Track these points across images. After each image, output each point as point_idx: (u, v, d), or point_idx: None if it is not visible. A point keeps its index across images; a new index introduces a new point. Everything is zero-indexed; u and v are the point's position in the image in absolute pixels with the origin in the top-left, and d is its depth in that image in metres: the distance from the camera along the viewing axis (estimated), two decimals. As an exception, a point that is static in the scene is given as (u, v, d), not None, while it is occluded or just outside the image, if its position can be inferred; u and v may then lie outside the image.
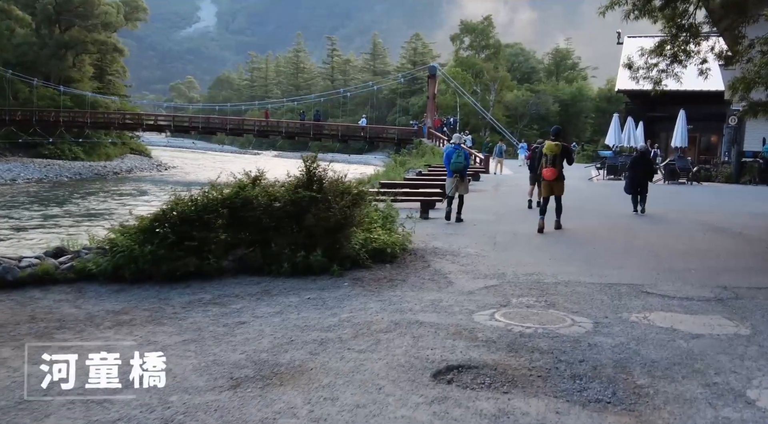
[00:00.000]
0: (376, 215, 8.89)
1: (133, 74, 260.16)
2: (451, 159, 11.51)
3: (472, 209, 13.23)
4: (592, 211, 13.32)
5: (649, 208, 13.69)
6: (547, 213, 10.30)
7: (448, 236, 9.69)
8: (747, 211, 13.74)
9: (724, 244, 9.53)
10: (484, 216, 12.18)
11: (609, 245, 9.26)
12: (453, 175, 11.48)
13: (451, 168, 11.52)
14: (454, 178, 11.45)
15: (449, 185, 11.65)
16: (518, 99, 54.38)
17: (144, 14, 61.12)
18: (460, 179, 11.46)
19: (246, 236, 6.90)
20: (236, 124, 43.68)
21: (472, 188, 17.99)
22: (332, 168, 7.72)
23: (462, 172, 11.49)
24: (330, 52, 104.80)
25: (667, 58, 9.99)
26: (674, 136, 22.97)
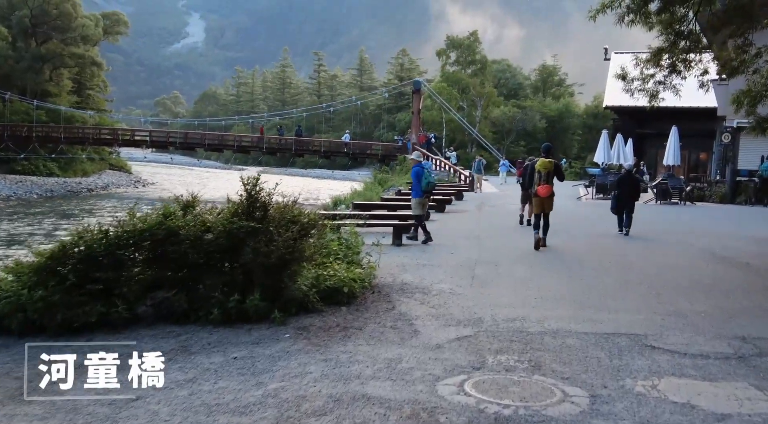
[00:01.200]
0: (335, 245, 7.75)
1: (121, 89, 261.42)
2: (421, 178, 10.99)
3: (453, 233, 12.16)
4: (581, 235, 12.26)
5: (644, 232, 12.70)
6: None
7: (420, 268, 8.54)
8: (749, 235, 12.73)
9: (731, 277, 8.45)
10: (464, 241, 11.07)
11: (602, 277, 8.15)
12: (423, 195, 11.07)
13: (424, 188, 11.00)
14: (424, 198, 11.11)
15: (421, 207, 11.11)
16: (505, 115, 53.59)
17: (125, 28, 60.03)
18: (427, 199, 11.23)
19: (169, 275, 5.71)
20: (215, 139, 42.46)
21: (453, 209, 17.00)
22: (281, 192, 6.61)
23: (431, 192, 11.22)
24: (317, 68, 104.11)
25: (665, 69, 8.99)
26: (666, 153, 22.06)
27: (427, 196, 11.29)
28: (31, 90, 49.28)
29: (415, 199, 11.21)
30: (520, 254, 9.85)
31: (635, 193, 12.45)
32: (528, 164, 11.80)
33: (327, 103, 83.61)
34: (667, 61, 8.83)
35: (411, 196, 11.60)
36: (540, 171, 10.29)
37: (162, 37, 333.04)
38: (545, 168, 10.27)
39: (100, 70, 54.65)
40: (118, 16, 58.70)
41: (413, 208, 11.29)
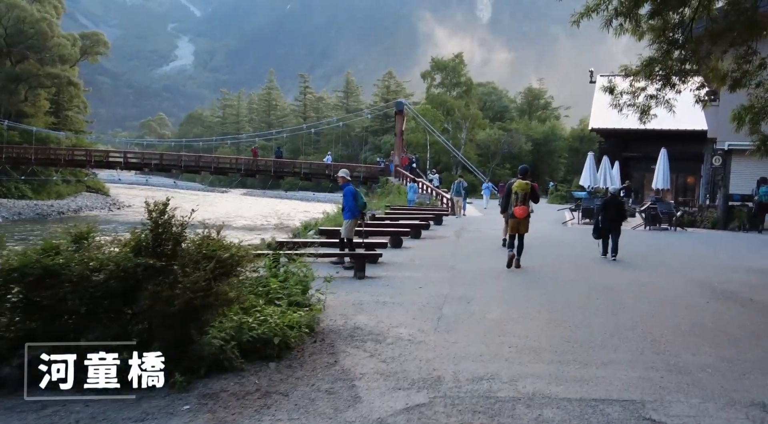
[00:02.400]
0: (274, 283, 6.58)
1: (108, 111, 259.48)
2: (357, 197, 10.67)
3: (426, 263, 11.03)
4: (567, 265, 11.16)
5: (635, 261, 11.69)
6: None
7: (380, 307, 7.39)
8: (747, 265, 11.69)
9: (735, 317, 7.36)
10: (436, 273, 9.92)
11: (590, 319, 7.02)
12: (357, 215, 10.68)
13: (360, 209, 10.71)
14: (357, 220, 10.75)
15: (352, 229, 10.69)
16: (490, 137, 52.89)
17: (105, 48, 58.91)
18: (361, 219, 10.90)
19: (39, 326, 4.51)
20: (192, 160, 41.26)
21: (431, 235, 15.86)
22: (204, 223, 5.49)
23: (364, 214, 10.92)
24: (302, 90, 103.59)
25: (657, 81, 8.00)
26: (656, 176, 21.12)
27: (361, 217, 10.70)
28: (5, 111, 47.98)
29: (347, 221, 10.57)
30: (497, 288, 8.73)
31: (621, 217, 12.16)
32: (506, 186, 11.62)
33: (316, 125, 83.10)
34: (659, 72, 7.84)
35: (343, 217, 10.90)
36: (517, 192, 10.39)
37: (151, 60, 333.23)
38: (522, 189, 10.37)
39: (77, 90, 53.35)
40: (98, 36, 57.69)
41: (344, 231, 10.61)
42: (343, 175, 10.83)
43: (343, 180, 10.81)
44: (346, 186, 10.74)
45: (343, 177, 10.82)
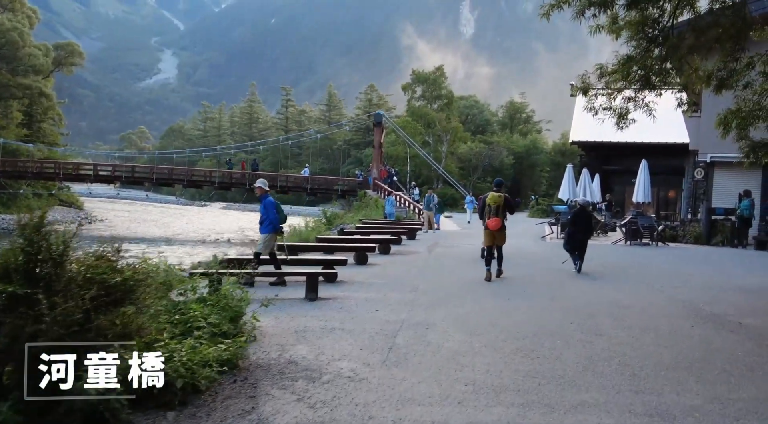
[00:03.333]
0: (198, 308, 5.68)
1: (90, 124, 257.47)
2: (277, 209, 9.89)
3: (388, 282, 10.17)
4: (542, 284, 10.34)
5: (614, 278, 10.99)
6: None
7: (326, 334, 6.51)
8: (735, 284, 10.96)
9: (724, 345, 6.57)
10: (397, 293, 9.05)
11: (561, 349, 6.19)
12: (276, 230, 9.88)
13: (282, 222, 10.01)
14: (277, 234, 9.96)
15: (269, 243, 9.86)
16: (471, 150, 52.31)
17: (80, 59, 57.72)
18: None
19: None
20: (164, 173, 40.15)
21: (401, 250, 14.98)
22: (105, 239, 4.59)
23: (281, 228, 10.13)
24: (284, 103, 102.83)
25: (636, 82, 7.25)
26: (636, 189, 20.50)
27: (279, 231, 9.87)
28: (-26, 122, 46.63)
29: (266, 235, 9.73)
30: (461, 311, 7.88)
31: (590, 230, 12.11)
32: (481, 198, 11.53)
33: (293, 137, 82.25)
34: (638, 72, 7.10)
35: (259, 231, 9.98)
36: (490, 205, 10.56)
37: (134, 73, 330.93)
38: (495, 202, 10.53)
39: (50, 101, 52.03)
40: (72, 47, 56.48)
41: (260, 246, 9.76)
42: (260, 186, 9.99)
43: (261, 191, 9.98)
44: (265, 197, 9.93)
45: (261, 188, 9.98)
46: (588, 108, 7.83)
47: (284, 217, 10.00)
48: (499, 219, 10.46)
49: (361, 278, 10.47)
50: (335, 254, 13.09)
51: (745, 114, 6.95)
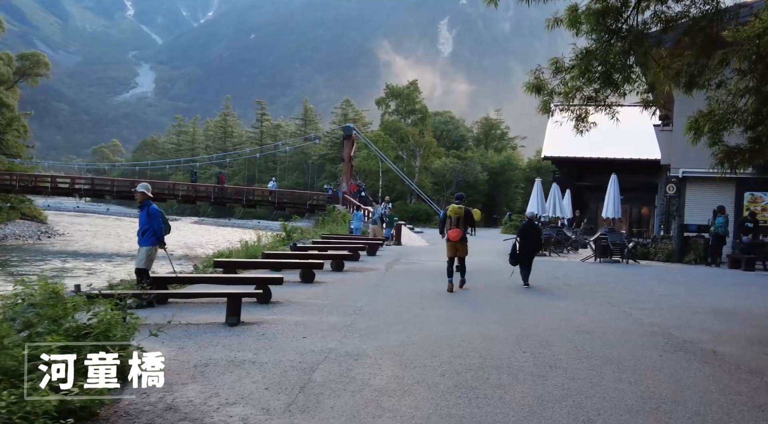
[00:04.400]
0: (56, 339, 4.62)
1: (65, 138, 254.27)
2: (162, 219, 8.74)
3: (330, 302, 9.17)
4: (497, 307, 9.42)
5: (579, 298, 10.17)
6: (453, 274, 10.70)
7: (231, 369, 5.48)
8: (708, 306, 10.15)
9: (697, 381, 5.67)
10: (334, 317, 8.05)
11: (507, 386, 5.24)
12: (157, 243, 8.68)
13: (166, 232, 8.82)
14: (158, 247, 8.73)
15: (153, 257, 8.79)
16: (445, 166, 51.65)
17: (46, 70, 56.17)
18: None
19: None
20: (125, 186, 38.71)
21: (356, 267, 13.92)
22: None
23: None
24: (259, 117, 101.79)
25: (596, 80, 6.42)
26: (606, 205, 19.80)
27: (161, 244, 8.69)
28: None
29: (147, 248, 8.58)
30: (401, 338, 6.90)
31: (538, 244, 12.11)
32: (442, 211, 11.77)
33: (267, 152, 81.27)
34: (598, 68, 6.27)
35: (140, 244, 8.75)
36: (450, 216, 10.73)
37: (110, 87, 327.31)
38: (455, 213, 10.70)
39: (11, 112, 50.36)
40: (38, 57, 54.97)
41: (142, 261, 8.60)
42: (143, 191, 8.78)
43: (143, 197, 8.76)
44: (147, 204, 8.71)
45: (144, 193, 8.77)
46: (543, 109, 6.98)
47: (169, 227, 8.90)
48: (460, 230, 10.64)
49: (301, 297, 9.46)
50: (283, 271, 12.09)
51: (719, 117, 6.17)
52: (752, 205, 18.35)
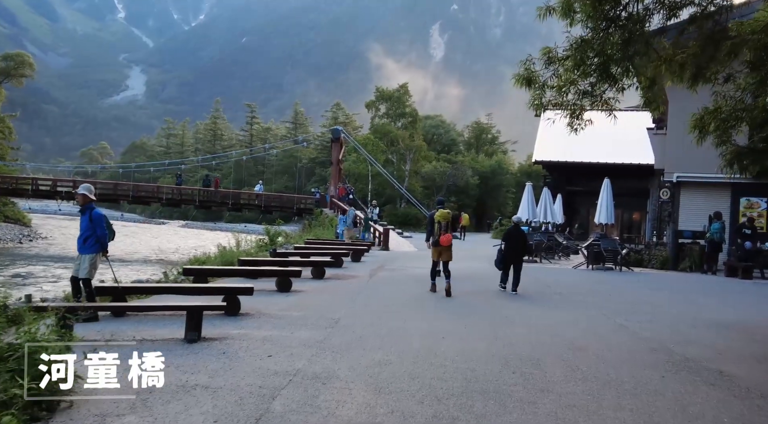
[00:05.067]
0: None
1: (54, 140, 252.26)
2: (105, 224, 8.00)
3: (305, 314, 8.51)
4: (486, 320, 8.80)
5: (572, 310, 9.54)
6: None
7: (180, 395, 4.82)
8: (708, 318, 9.57)
9: (707, 409, 5.07)
10: (307, 331, 7.39)
11: (491, 416, 4.61)
12: (105, 248, 7.97)
13: (110, 239, 8.13)
14: (104, 254, 7.95)
15: (97, 265, 8.00)
16: (436, 170, 51.06)
17: (30, 70, 55.22)
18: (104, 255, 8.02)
19: None
20: (109, 189, 37.84)
21: (339, 274, 13.21)
22: None
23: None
24: (249, 120, 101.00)
25: (592, 73, 5.83)
26: (598, 210, 19.25)
27: (104, 252, 7.94)
28: None
29: (90, 256, 7.83)
30: (378, 357, 6.25)
31: (524, 249, 11.84)
32: (428, 216, 11.59)
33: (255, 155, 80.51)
34: (595, 59, 5.68)
35: (83, 252, 7.97)
36: (440, 221, 10.73)
37: (101, 89, 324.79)
38: (444, 218, 10.75)
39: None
40: (22, 58, 54.05)
41: (85, 270, 7.84)
42: (84, 193, 7.98)
43: (85, 200, 7.97)
44: (90, 208, 7.95)
45: (85, 196, 7.98)
46: (534, 105, 6.37)
47: (113, 233, 8.19)
48: (450, 235, 10.74)
49: (274, 309, 8.79)
50: (259, 279, 11.43)
51: (726, 114, 5.60)
52: (748, 210, 17.86)
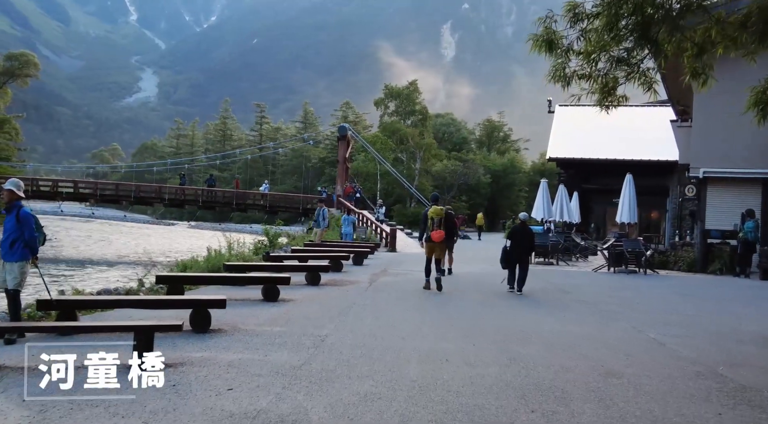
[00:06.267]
0: None
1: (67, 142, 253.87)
2: (38, 227, 6.77)
3: (287, 330, 7.38)
4: (495, 335, 7.63)
5: (597, 319, 8.34)
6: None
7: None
8: (751, 330, 8.34)
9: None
10: (286, 353, 6.25)
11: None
12: (36, 254, 6.78)
13: (33, 245, 6.70)
14: (31, 262, 6.76)
15: (26, 274, 6.84)
16: (446, 168, 49.82)
17: (35, 70, 54.68)
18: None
19: None
20: (111, 189, 37.03)
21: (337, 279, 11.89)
22: None
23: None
24: (258, 120, 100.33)
25: (627, 36, 4.66)
26: (620, 208, 17.93)
27: (34, 259, 6.81)
28: None
29: (18, 264, 6.66)
30: (366, 389, 5.10)
31: (530, 247, 11.60)
32: (423, 214, 11.55)
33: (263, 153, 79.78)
34: (631, 19, 4.51)
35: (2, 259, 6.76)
36: (433, 218, 10.80)
37: (113, 92, 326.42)
38: (438, 214, 10.82)
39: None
40: (27, 57, 53.49)
41: (13, 280, 6.68)
42: (11, 188, 6.78)
43: (11, 196, 6.77)
44: (17, 206, 6.74)
45: (12, 192, 6.78)
46: (556, 76, 5.19)
47: (44, 236, 7.04)
48: (443, 232, 10.72)
49: (253, 323, 7.67)
50: (247, 286, 10.33)
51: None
52: (782, 208, 16.54)
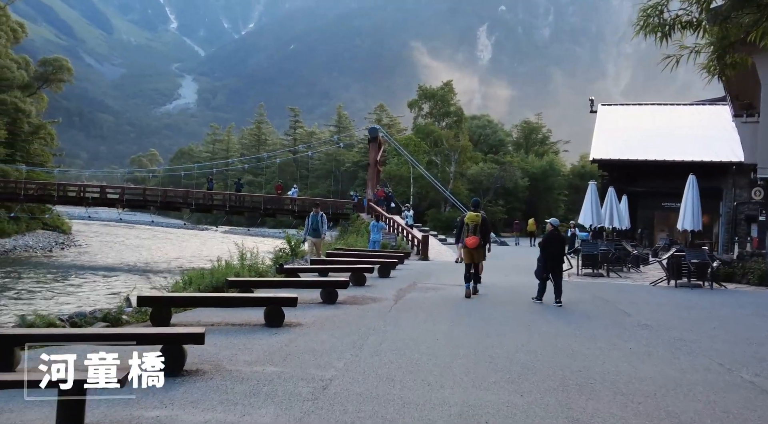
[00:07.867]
0: None
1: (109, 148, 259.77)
2: None
3: (287, 370, 5.90)
4: (539, 369, 6.03)
5: (664, 357, 6.57)
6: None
7: None
8: None
9: None
10: (269, 410, 4.79)
11: None
12: None
13: None
14: None
15: None
16: (482, 171, 48.01)
17: (69, 75, 54.82)
18: None
19: None
20: (138, 195, 36.42)
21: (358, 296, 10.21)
22: None
23: None
24: (292, 124, 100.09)
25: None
26: (683, 214, 15.98)
27: None
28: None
29: None
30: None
31: (563, 254, 11.15)
32: (459, 219, 11.70)
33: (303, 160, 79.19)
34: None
35: None
36: (468, 224, 11.03)
37: (153, 99, 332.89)
38: (473, 221, 11.01)
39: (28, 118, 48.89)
40: (60, 63, 53.58)
41: None
42: None
43: None
44: None
45: None
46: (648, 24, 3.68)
47: None
48: (477, 238, 10.88)
49: (243, 359, 6.22)
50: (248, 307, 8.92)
51: None
52: None
